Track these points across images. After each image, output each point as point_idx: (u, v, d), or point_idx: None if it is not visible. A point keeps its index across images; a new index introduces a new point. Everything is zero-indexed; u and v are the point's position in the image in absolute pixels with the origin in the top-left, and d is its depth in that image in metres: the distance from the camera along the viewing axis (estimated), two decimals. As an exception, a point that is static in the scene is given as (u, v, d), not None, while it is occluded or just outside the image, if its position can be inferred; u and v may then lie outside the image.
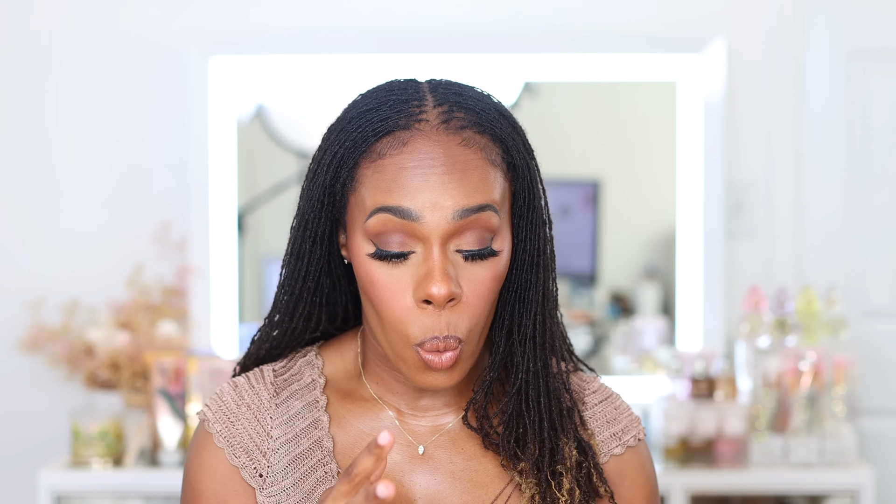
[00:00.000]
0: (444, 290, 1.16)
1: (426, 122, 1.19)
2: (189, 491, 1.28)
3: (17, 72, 3.02)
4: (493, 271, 1.20)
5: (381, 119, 1.19)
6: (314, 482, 1.24)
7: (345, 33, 3.02)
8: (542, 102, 3.18)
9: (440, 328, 1.18)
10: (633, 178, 3.29)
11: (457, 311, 1.18)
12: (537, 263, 1.25)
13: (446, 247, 1.18)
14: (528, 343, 1.25)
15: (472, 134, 1.19)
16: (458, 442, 1.27)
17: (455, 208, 1.16)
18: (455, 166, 1.17)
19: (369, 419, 1.28)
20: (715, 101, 3.00)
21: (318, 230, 1.25)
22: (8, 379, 3.03)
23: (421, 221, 1.16)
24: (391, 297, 1.18)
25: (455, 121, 1.19)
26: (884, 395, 3.08)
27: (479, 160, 1.19)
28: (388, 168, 1.17)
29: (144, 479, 2.67)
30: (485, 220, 1.18)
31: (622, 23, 3.03)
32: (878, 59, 3.08)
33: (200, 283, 2.97)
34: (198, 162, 2.97)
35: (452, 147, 1.18)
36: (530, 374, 1.25)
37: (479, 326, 1.21)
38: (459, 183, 1.17)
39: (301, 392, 1.29)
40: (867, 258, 3.09)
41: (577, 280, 3.29)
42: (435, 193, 1.16)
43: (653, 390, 2.91)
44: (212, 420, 1.27)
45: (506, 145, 1.21)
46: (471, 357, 1.22)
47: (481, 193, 1.18)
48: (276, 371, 1.31)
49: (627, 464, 1.31)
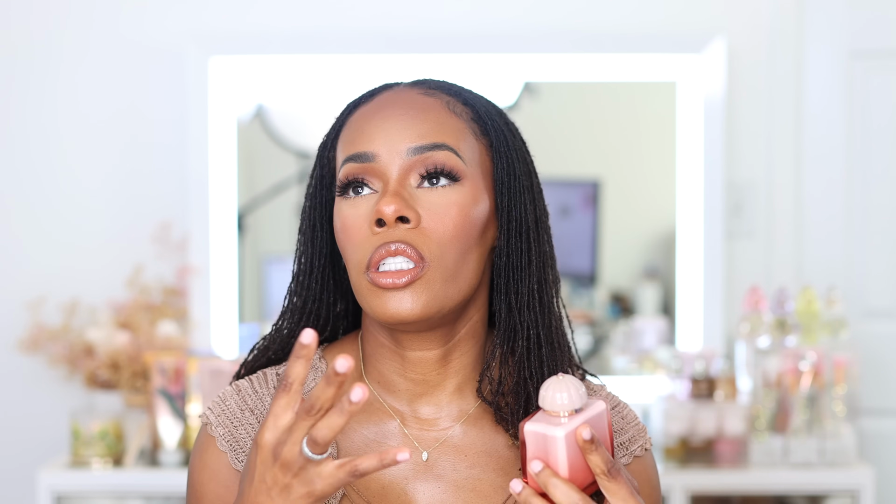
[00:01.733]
0: (393, 205, 1.18)
1: (397, 86, 1.29)
2: (192, 493, 1.28)
3: (17, 72, 3.02)
4: (455, 203, 1.21)
5: (360, 96, 1.29)
6: None
7: (345, 33, 3.02)
8: (542, 102, 3.18)
9: (391, 237, 1.19)
10: (633, 178, 3.29)
11: (414, 231, 1.20)
12: (526, 230, 1.25)
13: (405, 181, 1.21)
14: (526, 311, 1.25)
15: (440, 93, 1.26)
16: (463, 450, 1.26)
17: (409, 145, 1.21)
18: (412, 109, 1.23)
19: (373, 425, 1.27)
20: (715, 101, 3.00)
21: (315, 215, 1.29)
22: (8, 379, 3.03)
23: (377, 160, 1.21)
24: (353, 232, 1.21)
25: (424, 83, 1.28)
26: (884, 395, 3.08)
27: (440, 106, 1.25)
28: (355, 121, 1.25)
29: (144, 479, 2.67)
30: (442, 159, 1.21)
31: (622, 23, 3.03)
32: (878, 59, 3.08)
33: (200, 283, 2.97)
34: (198, 162, 2.97)
35: (415, 95, 1.25)
36: (530, 341, 1.25)
37: (448, 253, 1.20)
38: (414, 122, 1.22)
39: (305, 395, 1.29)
40: (867, 258, 3.09)
41: (577, 280, 3.29)
42: (391, 133, 1.22)
43: (653, 390, 2.91)
44: (214, 424, 1.27)
45: (476, 110, 1.26)
46: (441, 284, 1.20)
47: (437, 134, 1.22)
48: (280, 375, 1.30)
49: (634, 474, 1.31)
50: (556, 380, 1.14)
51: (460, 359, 1.27)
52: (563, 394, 1.13)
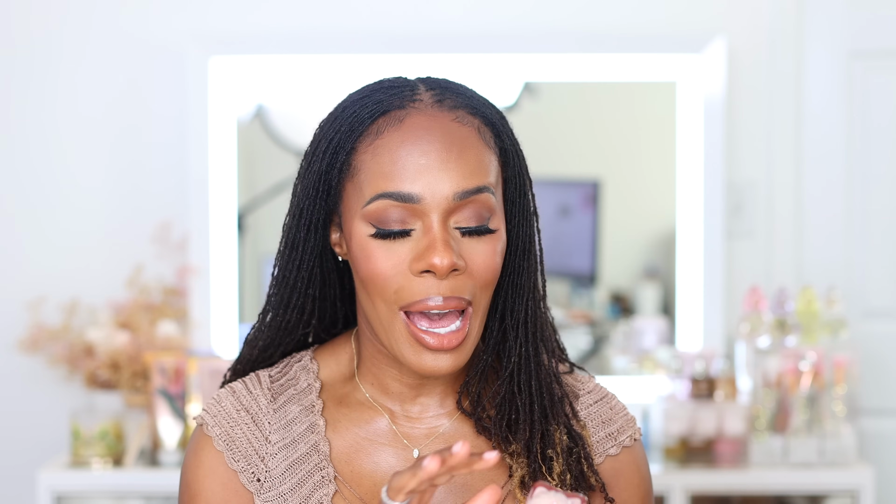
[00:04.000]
0: (447, 259, 1.16)
1: (420, 101, 1.21)
2: (186, 492, 1.27)
3: (16, 72, 3.02)
4: (492, 247, 1.20)
5: (376, 101, 1.21)
6: (311, 487, 1.24)
7: (345, 33, 3.02)
8: (542, 102, 3.18)
9: (441, 289, 1.17)
10: (633, 178, 3.29)
11: (462, 278, 1.18)
12: (529, 250, 1.26)
13: (447, 223, 1.18)
14: (520, 328, 1.26)
15: (465, 114, 1.22)
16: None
17: (455, 190, 1.18)
18: (453, 144, 1.19)
19: (364, 423, 1.27)
20: (715, 101, 3.00)
21: (312, 218, 1.25)
22: (8, 379, 3.03)
23: (421, 203, 1.17)
24: (385, 268, 1.18)
25: (448, 100, 1.22)
26: (884, 395, 3.08)
27: (475, 139, 1.21)
28: (386, 148, 1.18)
29: (144, 479, 2.67)
30: (483, 201, 1.19)
31: (622, 23, 3.03)
32: (878, 59, 3.08)
33: (200, 283, 2.97)
34: (198, 162, 2.97)
35: (448, 123, 1.20)
36: (522, 358, 1.25)
37: (484, 300, 1.21)
38: (458, 163, 1.18)
39: (297, 396, 1.29)
40: (867, 258, 3.09)
41: (577, 280, 3.29)
42: (434, 175, 1.17)
43: (653, 390, 2.91)
44: (211, 424, 1.27)
45: (497, 129, 1.23)
46: (477, 328, 1.21)
47: (479, 175, 1.19)
48: (273, 376, 1.31)
49: (623, 464, 1.31)
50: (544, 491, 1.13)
51: None
52: None
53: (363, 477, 1.25)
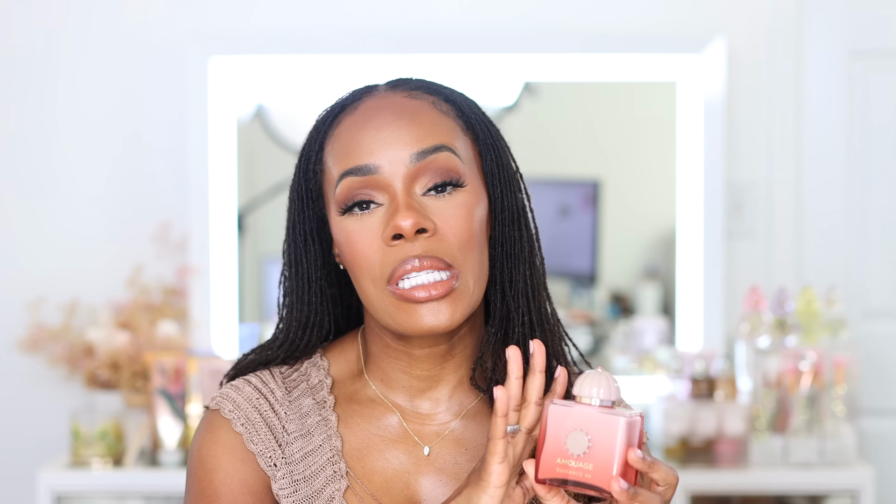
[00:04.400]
0: (411, 219, 1.18)
1: (376, 90, 1.27)
2: (201, 468, 1.26)
3: (16, 72, 3.02)
4: (462, 206, 1.22)
5: (337, 103, 1.28)
6: (324, 480, 1.25)
7: (345, 33, 3.02)
8: (542, 102, 3.18)
9: (413, 250, 1.19)
10: (633, 178, 3.29)
11: (433, 239, 1.20)
12: (518, 219, 1.27)
13: (411, 190, 1.21)
14: (520, 298, 1.26)
15: (419, 93, 1.26)
16: (462, 443, 1.28)
17: (411, 151, 1.21)
18: (404, 114, 1.22)
19: (375, 420, 1.29)
20: (715, 101, 3.00)
21: (305, 227, 1.28)
22: (8, 379, 3.03)
23: (381, 172, 1.21)
24: (364, 247, 1.21)
25: (403, 85, 1.27)
26: (884, 395, 3.08)
27: (428, 107, 1.24)
28: (344, 133, 1.23)
29: (144, 479, 2.67)
30: (444, 161, 1.21)
31: (622, 23, 3.03)
32: (878, 59, 3.08)
33: (200, 283, 2.97)
34: (198, 162, 2.97)
35: (400, 99, 1.24)
36: (526, 326, 1.26)
37: (470, 259, 1.21)
38: (410, 127, 1.21)
39: (310, 391, 1.30)
40: (867, 258, 3.09)
41: (577, 280, 3.29)
42: (389, 143, 1.21)
43: (653, 390, 2.91)
44: (229, 408, 1.27)
45: (458, 105, 1.26)
46: (469, 295, 1.21)
47: (434, 135, 1.22)
48: (283, 372, 1.32)
49: None
50: (595, 373, 1.12)
51: (463, 352, 1.28)
52: (602, 387, 1.10)
53: (374, 473, 1.26)
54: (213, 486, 1.25)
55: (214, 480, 1.25)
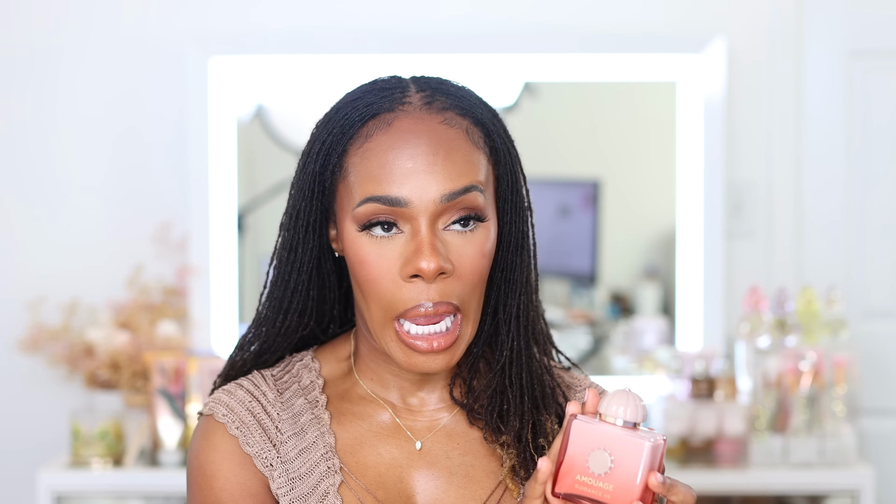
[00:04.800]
0: (434, 263, 1.18)
1: (409, 104, 1.22)
2: (200, 475, 1.27)
3: (16, 72, 3.02)
4: (480, 246, 1.22)
5: (367, 104, 1.23)
6: (318, 476, 1.26)
7: (345, 33, 3.02)
8: (542, 102, 3.18)
9: (430, 294, 1.19)
10: (633, 178, 3.29)
11: (450, 280, 1.20)
12: (522, 246, 1.28)
13: (435, 226, 1.20)
14: (512, 322, 1.28)
15: (454, 115, 1.23)
16: (454, 437, 1.29)
17: (442, 192, 1.19)
18: (440, 147, 1.20)
19: (368, 416, 1.30)
20: (715, 101, 3.00)
21: (309, 219, 1.27)
22: (8, 379, 3.03)
23: (409, 206, 1.19)
24: (378, 274, 1.20)
25: (437, 102, 1.23)
26: (884, 395, 3.08)
27: (462, 140, 1.22)
28: (375, 152, 1.20)
29: (144, 480, 2.67)
30: (470, 201, 1.21)
31: (622, 23, 3.03)
32: (878, 59, 3.08)
33: (200, 283, 2.97)
34: (198, 162, 2.97)
35: (435, 125, 1.21)
36: (514, 352, 1.28)
37: (474, 300, 1.23)
38: (444, 165, 1.20)
39: (302, 392, 1.31)
40: (867, 258, 3.09)
41: (577, 280, 3.29)
42: (421, 178, 1.19)
43: (653, 390, 2.91)
44: (223, 412, 1.28)
45: (487, 129, 1.25)
46: (466, 339, 1.23)
47: (466, 175, 1.20)
48: (275, 375, 1.33)
49: None
50: (623, 392, 1.11)
51: None
52: (629, 407, 1.10)
53: (368, 468, 1.27)
54: (213, 492, 1.26)
55: (215, 487, 1.26)
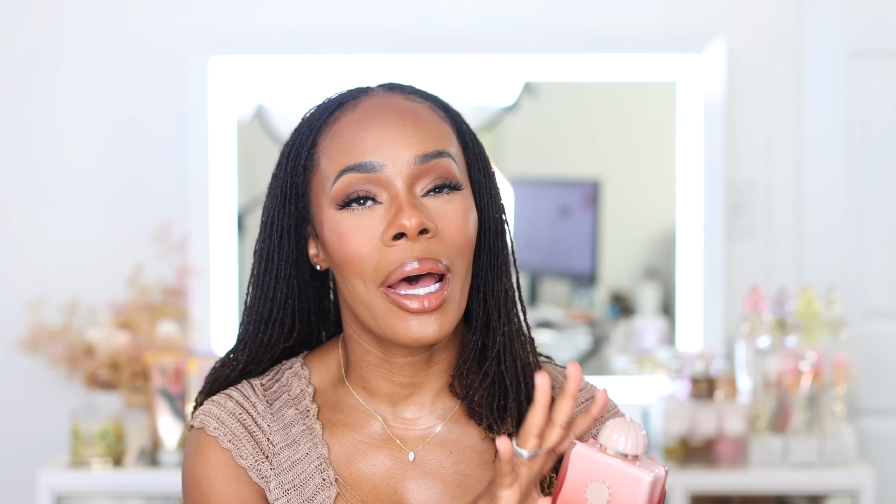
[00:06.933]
0: (415, 219, 1.18)
1: (373, 91, 1.26)
2: (196, 492, 1.26)
3: (16, 72, 3.02)
4: (462, 212, 1.22)
5: (331, 101, 1.27)
6: (314, 489, 1.25)
7: (345, 33, 3.02)
8: (542, 102, 3.18)
9: (414, 251, 1.19)
10: (633, 178, 3.29)
11: (434, 241, 1.20)
12: (499, 231, 1.29)
13: (413, 190, 1.21)
14: (501, 308, 1.27)
15: (417, 96, 1.26)
16: (447, 447, 1.28)
17: (415, 153, 1.21)
18: (407, 115, 1.23)
19: (360, 427, 1.29)
20: (715, 101, 3.00)
21: (283, 224, 1.27)
22: (8, 379, 3.03)
23: (384, 170, 1.20)
24: (359, 245, 1.20)
25: (399, 88, 1.27)
26: (884, 395, 3.08)
27: (428, 111, 1.25)
28: (344, 130, 1.23)
29: (144, 479, 2.67)
30: (444, 166, 1.22)
31: (622, 23, 3.03)
32: (878, 59, 3.08)
33: (200, 283, 2.97)
34: (198, 162, 2.97)
35: (400, 101, 1.24)
36: (506, 336, 1.27)
37: (461, 262, 1.22)
38: (414, 128, 1.22)
39: (292, 402, 1.30)
40: (867, 258, 3.09)
41: (577, 280, 3.29)
42: (393, 142, 1.21)
43: (653, 390, 2.91)
44: (214, 425, 1.28)
45: (449, 112, 1.27)
46: (456, 303, 1.22)
47: (437, 140, 1.22)
48: (264, 384, 1.32)
49: None
50: (624, 421, 1.10)
51: (445, 359, 1.29)
52: (630, 438, 1.08)
53: (362, 479, 1.26)
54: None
55: (212, 502, 1.25)
